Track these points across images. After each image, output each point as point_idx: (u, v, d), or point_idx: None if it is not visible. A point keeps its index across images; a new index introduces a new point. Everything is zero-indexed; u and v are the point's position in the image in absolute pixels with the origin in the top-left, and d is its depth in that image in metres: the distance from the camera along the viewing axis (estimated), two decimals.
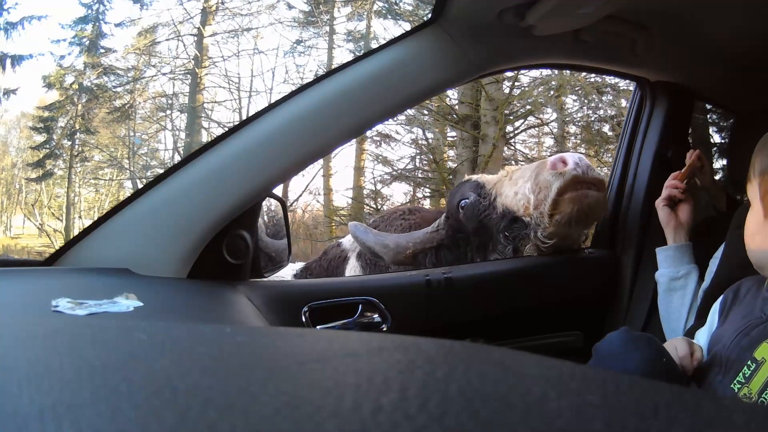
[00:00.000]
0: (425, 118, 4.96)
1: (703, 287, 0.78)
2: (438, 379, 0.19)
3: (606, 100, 4.83)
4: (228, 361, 0.22)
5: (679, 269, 0.82)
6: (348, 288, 0.82)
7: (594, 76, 4.39)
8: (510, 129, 4.93)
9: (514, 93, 4.74)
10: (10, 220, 9.49)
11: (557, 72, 4.49)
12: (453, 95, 4.87)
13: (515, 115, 4.91)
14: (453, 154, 5.27)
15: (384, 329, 0.80)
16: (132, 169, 7.71)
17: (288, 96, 0.72)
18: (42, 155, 7.70)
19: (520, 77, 4.67)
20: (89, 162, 7.98)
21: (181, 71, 7.46)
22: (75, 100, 7.51)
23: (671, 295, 0.83)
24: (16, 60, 6.98)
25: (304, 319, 0.76)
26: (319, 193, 6.35)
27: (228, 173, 0.69)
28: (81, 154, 7.75)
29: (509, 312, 0.91)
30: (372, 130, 5.40)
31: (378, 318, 0.80)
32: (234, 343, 0.25)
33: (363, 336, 0.26)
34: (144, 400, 0.17)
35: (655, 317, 0.88)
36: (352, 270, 1.23)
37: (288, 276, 1.32)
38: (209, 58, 7.41)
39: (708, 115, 1.38)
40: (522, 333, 0.92)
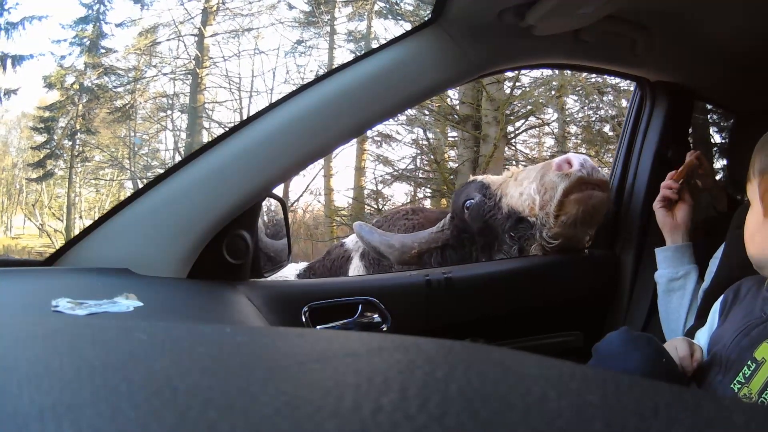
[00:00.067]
0: (426, 118, 4.95)
1: (703, 287, 0.78)
2: (438, 379, 0.19)
3: (607, 100, 4.82)
4: (228, 361, 0.22)
5: (678, 270, 0.82)
6: (348, 288, 0.82)
7: (595, 76, 4.38)
8: (511, 129, 4.93)
9: (515, 93, 4.74)
10: (10, 220, 9.49)
11: (558, 72, 4.48)
12: (454, 95, 4.87)
13: (516, 116, 4.91)
14: (454, 154, 5.27)
15: (384, 329, 0.80)
16: (133, 170, 7.71)
17: (288, 96, 0.72)
18: (43, 155, 7.70)
19: (521, 77, 4.68)
20: (90, 162, 7.98)
21: (182, 71, 7.47)
22: (76, 100, 7.51)
23: (670, 296, 0.83)
24: (16, 60, 6.99)
25: (304, 319, 0.76)
26: (320, 194, 6.36)
27: (228, 173, 0.69)
28: (82, 154, 7.75)
29: (509, 312, 0.91)
30: (373, 130, 5.41)
31: (378, 318, 0.80)
32: (234, 343, 0.25)
33: (363, 336, 0.26)
34: (144, 400, 0.17)
35: (655, 317, 0.88)
36: (355, 270, 1.22)
37: (291, 276, 1.31)
38: (210, 58, 7.42)
39: (708, 115, 1.37)
40: (522, 333, 0.92)
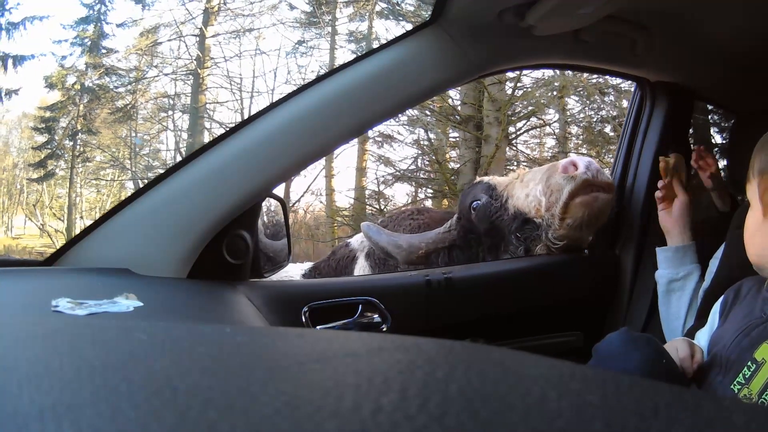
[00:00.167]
0: (428, 118, 4.95)
1: (703, 287, 0.78)
2: (438, 380, 0.19)
3: (608, 100, 4.82)
4: (228, 361, 0.22)
5: (679, 271, 0.83)
6: (348, 288, 0.82)
7: (596, 77, 4.38)
8: (512, 130, 4.92)
9: (516, 94, 4.73)
10: (11, 220, 9.50)
11: (560, 73, 4.48)
12: (455, 96, 4.86)
13: (518, 116, 4.90)
14: (455, 154, 5.27)
15: (384, 329, 0.80)
16: (134, 170, 7.72)
17: (288, 96, 0.72)
18: (43, 155, 7.71)
19: (522, 78, 4.67)
20: (91, 162, 7.98)
21: (183, 72, 7.47)
22: (77, 100, 7.51)
23: (669, 296, 0.83)
24: (17, 60, 6.99)
25: (304, 319, 0.76)
26: (321, 194, 6.36)
27: (228, 173, 0.69)
28: (82, 154, 7.75)
29: (509, 312, 0.91)
30: (374, 130, 5.41)
31: (378, 318, 0.80)
32: (234, 343, 0.25)
33: (363, 336, 0.26)
34: (144, 400, 0.17)
35: (655, 317, 0.88)
36: (360, 269, 1.23)
37: (297, 276, 1.31)
38: (211, 58, 7.42)
39: (708, 116, 1.37)
40: (522, 333, 0.92)
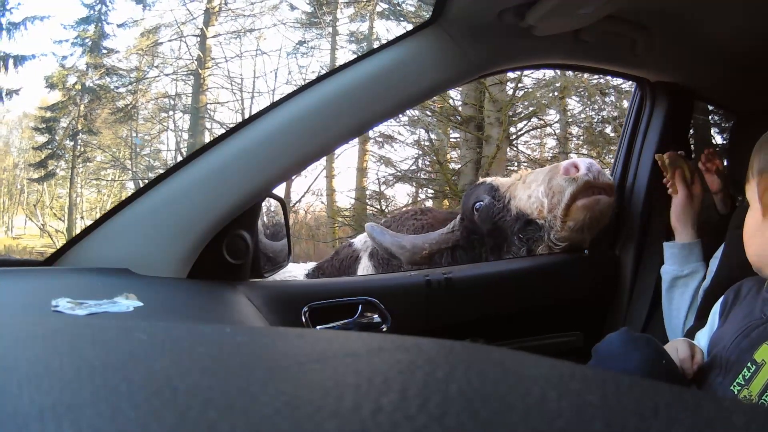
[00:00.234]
0: (429, 119, 4.95)
1: (704, 287, 0.78)
2: (438, 380, 0.19)
3: (609, 101, 4.81)
4: (228, 361, 0.22)
5: (684, 268, 0.82)
6: (348, 288, 0.82)
7: (597, 77, 4.38)
8: (513, 130, 4.92)
9: (517, 94, 4.73)
10: (11, 220, 9.51)
11: (560, 73, 4.47)
12: (456, 96, 4.85)
13: (519, 117, 4.90)
14: (456, 155, 5.26)
15: (384, 329, 0.80)
16: (134, 170, 7.72)
17: (288, 96, 0.72)
18: (44, 156, 7.70)
19: (523, 79, 4.66)
20: (91, 162, 7.98)
21: (184, 72, 7.46)
22: (77, 100, 7.50)
23: (672, 292, 0.83)
24: (18, 60, 6.99)
25: (304, 320, 0.76)
26: (322, 194, 6.36)
27: (228, 173, 0.69)
28: (83, 154, 7.75)
29: (509, 312, 0.91)
30: (375, 131, 5.41)
31: (378, 318, 0.80)
32: (234, 343, 0.25)
33: (363, 336, 0.26)
34: (144, 400, 0.17)
35: (655, 317, 0.88)
36: (364, 269, 1.23)
37: (300, 275, 1.32)
38: (212, 59, 7.42)
39: (708, 115, 1.37)
40: (522, 333, 0.92)
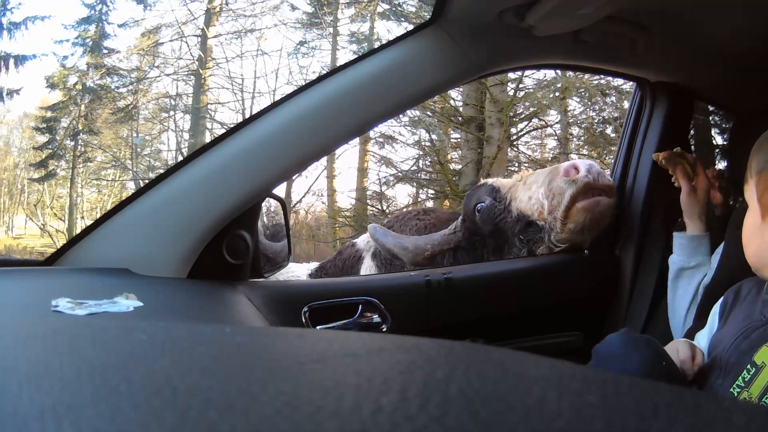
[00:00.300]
0: (429, 119, 4.95)
1: (704, 283, 0.78)
2: (438, 380, 0.19)
3: (610, 101, 4.81)
4: (228, 361, 0.22)
5: (690, 260, 0.82)
6: (348, 288, 0.82)
7: (598, 78, 4.38)
8: (514, 131, 4.92)
9: (518, 95, 4.73)
10: (12, 220, 9.51)
11: (561, 74, 4.47)
12: (457, 97, 4.85)
13: (519, 117, 4.90)
14: (457, 155, 5.26)
15: (384, 330, 0.80)
16: (135, 170, 7.72)
17: (288, 96, 0.72)
18: (45, 155, 7.70)
19: (524, 79, 4.66)
20: (92, 162, 7.98)
21: (185, 72, 7.46)
22: (78, 100, 7.50)
23: (678, 283, 0.82)
24: (19, 60, 6.99)
25: (304, 320, 0.76)
26: (323, 194, 6.36)
27: (228, 173, 0.69)
28: (84, 154, 7.75)
29: (509, 312, 0.91)
30: (375, 131, 5.41)
31: (378, 318, 0.80)
32: (234, 343, 0.25)
33: (363, 336, 0.26)
34: (144, 400, 0.17)
35: (655, 317, 0.88)
36: (367, 269, 1.23)
37: (303, 275, 1.32)
38: (213, 59, 7.41)
39: (708, 116, 1.37)
40: (522, 333, 0.92)
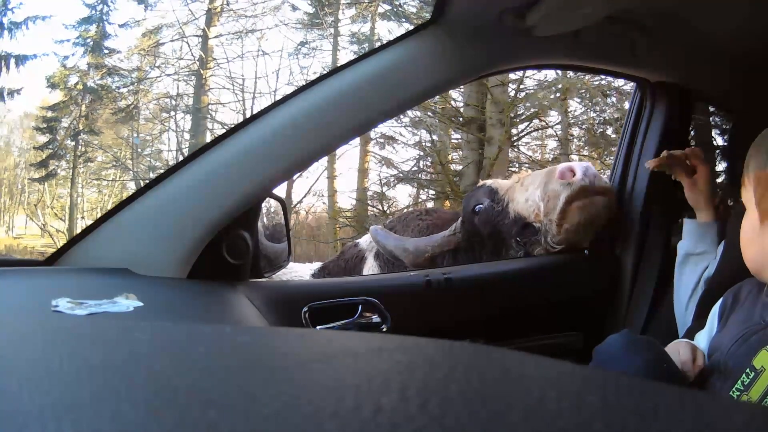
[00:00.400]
0: (430, 120, 4.95)
1: (706, 276, 0.78)
2: (438, 380, 0.19)
3: (610, 102, 4.81)
4: (228, 361, 0.22)
5: (697, 246, 0.82)
6: (348, 288, 0.82)
7: (599, 78, 4.37)
8: (515, 131, 4.91)
9: (519, 96, 4.73)
10: (12, 220, 9.52)
11: (562, 75, 4.47)
12: (458, 97, 4.85)
13: (520, 118, 4.90)
14: (458, 156, 5.26)
15: (384, 330, 0.80)
16: (135, 170, 7.72)
17: (289, 96, 0.72)
18: (45, 155, 7.71)
19: (525, 80, 4.66)
20: (92, 162, 7.99)
21: (186, 72, 7.46)
22: (79, 100, 7.50)
23: (684, 268, 0.82)
24: (19, 60, 6.99)
25: (303, 320, 0.76)
26: (323, 195, 6.37)
27: (228, 173, 0.69)
28: (84, 154, 7.75)
29: (509, 312, 0.91)
30: (376, 132, 5.41)
31: (378, 318, 0.80)
32: (234, 343, 0.25)
33: (363, 336, 0.26)
34: (144, 400, 0.17)
35: (656, 318, 0.88)
36: (369, 269, 1.24)
37: (306, 275, 1.33)
38: (214, 59, 7.41)
39: (708, 116, 1.37)
40: (522, 333, 0.91)
